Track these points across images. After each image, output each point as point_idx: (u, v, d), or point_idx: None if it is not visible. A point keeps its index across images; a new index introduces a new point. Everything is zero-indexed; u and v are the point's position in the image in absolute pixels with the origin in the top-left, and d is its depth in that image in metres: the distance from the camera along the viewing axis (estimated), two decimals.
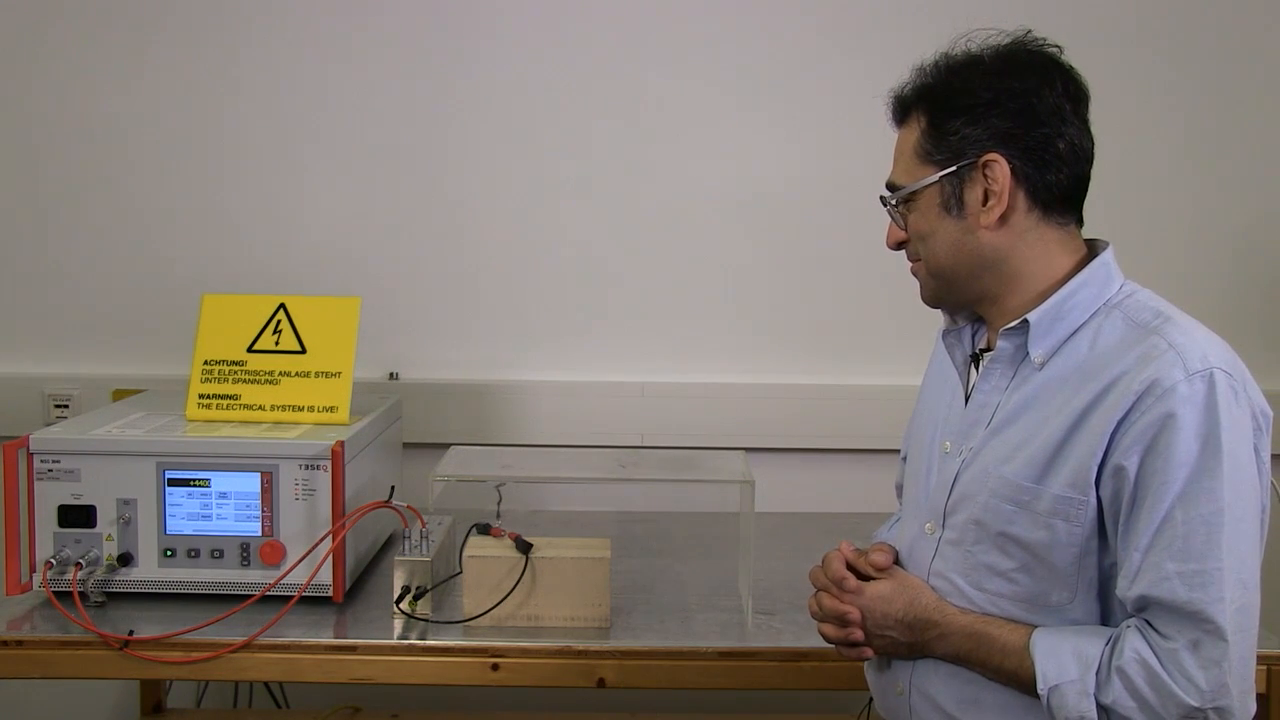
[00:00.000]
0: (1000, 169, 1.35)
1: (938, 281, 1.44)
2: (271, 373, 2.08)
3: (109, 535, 1.89)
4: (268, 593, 1.85)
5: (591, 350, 2.62)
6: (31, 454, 1.88)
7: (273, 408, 2.07)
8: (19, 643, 1.78)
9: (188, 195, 2.57)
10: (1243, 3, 2.56)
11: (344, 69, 2.55)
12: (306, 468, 1.89)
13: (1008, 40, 1.40)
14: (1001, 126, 1.35)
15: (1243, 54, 2.56)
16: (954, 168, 1.37)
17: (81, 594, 1.83)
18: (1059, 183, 1.36)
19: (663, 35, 2.55)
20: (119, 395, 2.47)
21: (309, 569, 1.87)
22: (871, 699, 1.61)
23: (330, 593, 1.89)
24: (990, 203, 1.37)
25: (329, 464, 1.88)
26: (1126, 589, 1.28)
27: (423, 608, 1.84)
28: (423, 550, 1.86)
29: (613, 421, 2.57)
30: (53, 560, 1.86)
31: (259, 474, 1.89)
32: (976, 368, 1.48)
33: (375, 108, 2.56)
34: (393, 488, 1.97)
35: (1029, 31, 1.41)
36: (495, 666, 1.78)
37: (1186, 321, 1.33)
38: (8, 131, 2.56)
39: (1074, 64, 1.40)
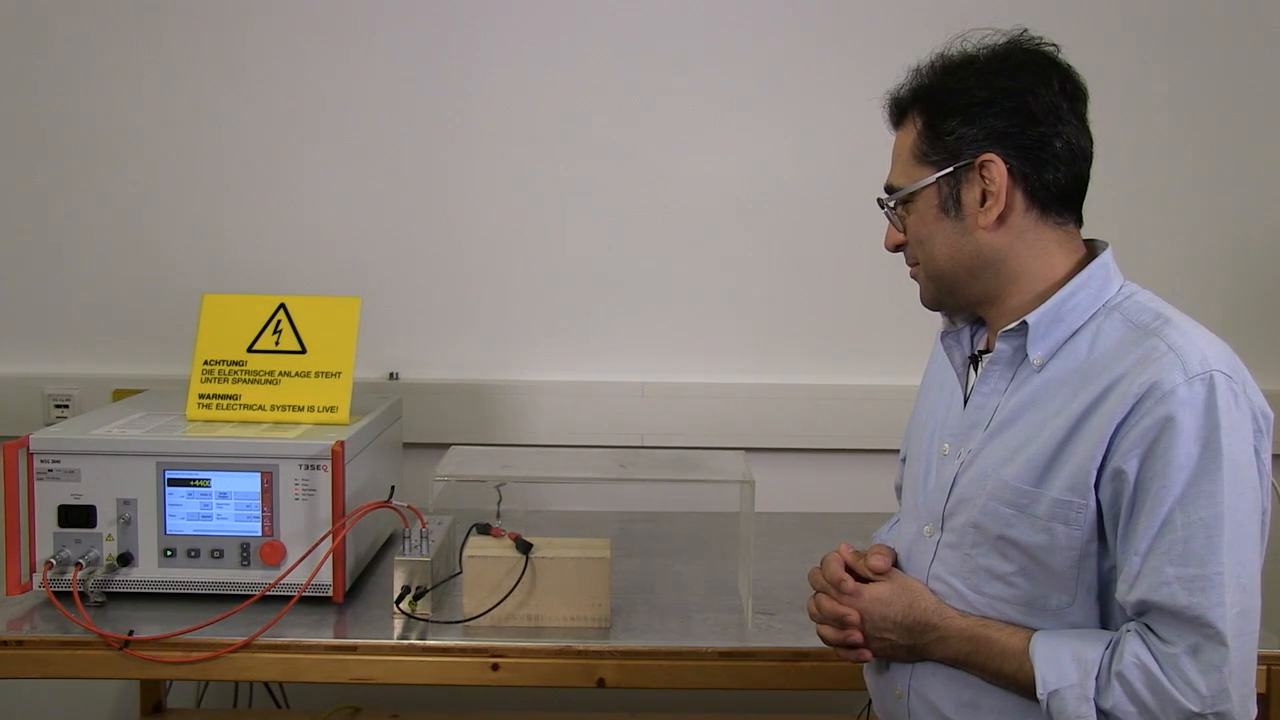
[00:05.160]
0: (997, 169, 1.35)
1: (936, 284, 1.44)
2: (271, 373, 2.08)
3: (109, 535, 1.89)
4: (268, 593, 1.85)
5: (591, 350, 2.62)
6: (31, 454, 1.88)
7: (273, 408, 2.07)
8: (19, 643, 1.78)
9: (188, 195, 2.57)
10: (1242, 2, 2.55)
11: (344, 69, 2.55)
12: (306, 468, 1.89)
13: (1004, 40, 1.39)
14: (997, 126, 1.35)
15: (1242, 53, 2.56)
16: (951, 169, 1.37)
17: (81, 594, 1.83)
18: (1057, 182, 1.36)
19: (663, 36, 2.55)
20: (119, 395, 2.47)
21: (309, 569, 1.87)
22: (871, 700, 1.61)
23: (330, 593, 1.89)
24: (988, 203, 1.36)
25: (329, 464, 1.88)
26: (1126, 593, 1.27)
27: (423, 608, 1.84)
28: (423, 550, 1.86)
29: (613, 421, 2.57)
30: (53, 560, 1.86)
31: (259, 474, 1.89)
32: (975, 369, 1.48)
33: (375, 108, 2.56)
34: (393, 488, 1.97)
35: (1025, 30, 1.40)
36: (495, 666, 1.78)
37: (1186, 323, 1.33)
38: (8, 131, 2.56)
39: (1072, 63, 1.40)
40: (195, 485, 1.90)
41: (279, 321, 2.10)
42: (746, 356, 2.63)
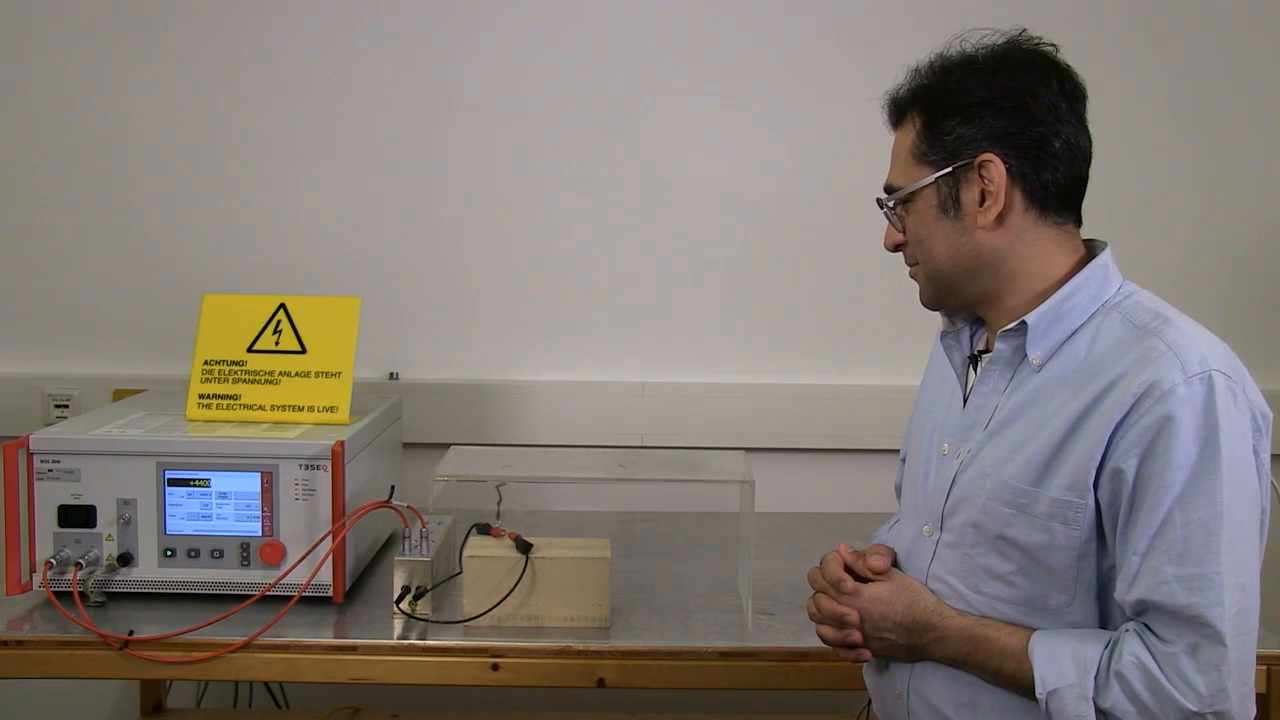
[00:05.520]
0: (996, 169, 1.35)
1: (936, 284, 1.44)
2: (271, 373, 2.08)
3: (109, 535, 1.89)
4: (268, 593, 1.85)
5: (591, 350, 2.62)
6: (31, 454, 1.88)
7: (273, 408, 2.07)
8: (19, 643, 1.78)
9: (188, 195, 2.57)
10: (1243, 2, 2.55)
11: (344, 69, 2.55)
12: (306, 468, 1.89)
13: (1003, 40, 1.40)
14: (996, 126, 1.35)
15: (1242, 53, 2.56)
16: (950, 168, 1.37)
17: (81, 594, 1.83)
18: (1056, 182, 1.36)
19: (662, 36, 2.55)
20: (119, 395, 2.47)
21: (309, 569, 1.87)
22: (871, 700, 1.61)
23: (330, 593, 1.89)
24: (987, 203, 1.36)
25: (329, 464, 1.88)
26: (1125, 593, 1.27)
27: (423, 608, 1.84)
28: (423, 550, 1.86)
29: (613, 421, 2.57)
30: (53, 560, 1.86)
31: (259, 474, 1.89)
32: (975, 369, 1.48)
33: (375, 108, 2.56)
34: (393, 488, 1.97)
35: (1024, 30, 1.41)
36: (495, 666, 1.78)
37: (1185, 323, 1.33)
38: (7, 130, 2.56)
39: (1071, 63, 1.40)
40: (195, 485, 1.90)
41: (279, 321, 2.10)
42: (746, 356, 2.63)
